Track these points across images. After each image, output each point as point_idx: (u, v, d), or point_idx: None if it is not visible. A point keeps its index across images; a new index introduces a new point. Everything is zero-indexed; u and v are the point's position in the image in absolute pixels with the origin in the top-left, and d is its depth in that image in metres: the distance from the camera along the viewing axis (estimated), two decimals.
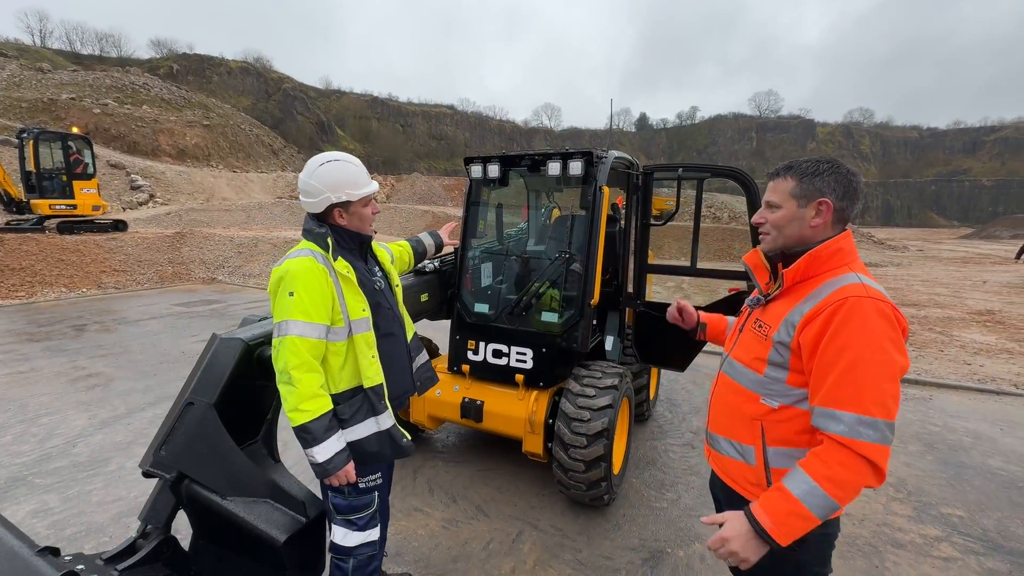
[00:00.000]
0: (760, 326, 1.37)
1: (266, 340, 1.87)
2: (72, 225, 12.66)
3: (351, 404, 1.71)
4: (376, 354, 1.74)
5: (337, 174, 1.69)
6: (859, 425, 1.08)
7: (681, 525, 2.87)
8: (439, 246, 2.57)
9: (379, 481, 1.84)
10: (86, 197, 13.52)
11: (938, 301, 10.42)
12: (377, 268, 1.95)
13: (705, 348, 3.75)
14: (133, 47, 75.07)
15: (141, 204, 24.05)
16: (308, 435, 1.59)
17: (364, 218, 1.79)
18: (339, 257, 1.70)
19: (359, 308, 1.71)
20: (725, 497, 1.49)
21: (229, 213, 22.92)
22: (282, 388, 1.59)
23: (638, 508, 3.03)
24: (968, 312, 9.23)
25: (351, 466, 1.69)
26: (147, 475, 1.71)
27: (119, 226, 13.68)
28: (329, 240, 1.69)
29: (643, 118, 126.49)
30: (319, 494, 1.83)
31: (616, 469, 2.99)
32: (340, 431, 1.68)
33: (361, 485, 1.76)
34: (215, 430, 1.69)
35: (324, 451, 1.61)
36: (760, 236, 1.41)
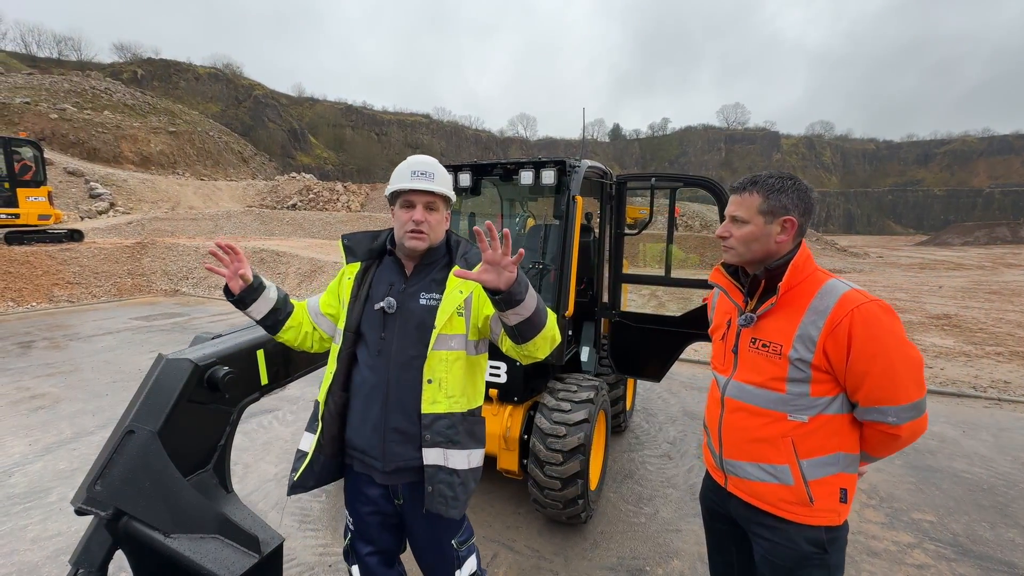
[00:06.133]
0: (765, 345, 1.33)
1: (218, 360, 1.74)
2: (22, 235, 11.93)
3: (313, 411, 1.67)
4: (335, 370, 1.57)
5: (397, 168, 1.60)
6: (903, 412, 1.22)
7: (660, 541, 2.81)
8: None
9: (347, 522, 1.69)
10: (32, 206, 12.65)
11: (899, 306, 10.80)
12: (432, 295, 1.53)
13: (680, 357, 3.74)
14: (94, 51, 72.90)
15: (101, 213, 22.99)
16: None
17: (398, 220, 1.55)
18: (353, 261, 1.66)
19: (341, 319, 1.62)
20: (747, 519, 1.44)
21: (195, 222, 22.15)
22: None
23: (616, 524, 2.96)
24: (927, 316, 9.60)
25: None
26: (80, 513, 1.55)
27: (74, 236, 12.97)
28: (344, 242, 1.69)
29: (616, 128, 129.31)
30: (274, 525, 1.70)
31: (593, 485, 2.92)
32: None
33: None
34: (158, 461, 1.54)
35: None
36: (724, 249, 1.42)
